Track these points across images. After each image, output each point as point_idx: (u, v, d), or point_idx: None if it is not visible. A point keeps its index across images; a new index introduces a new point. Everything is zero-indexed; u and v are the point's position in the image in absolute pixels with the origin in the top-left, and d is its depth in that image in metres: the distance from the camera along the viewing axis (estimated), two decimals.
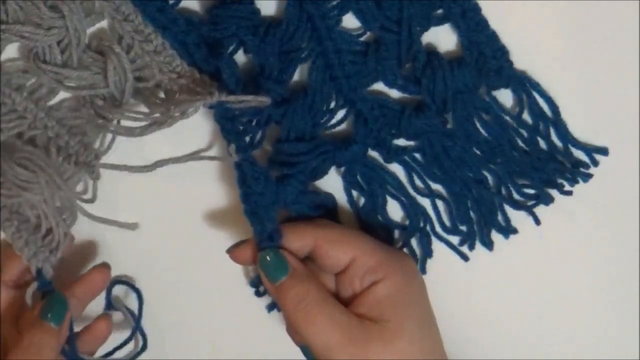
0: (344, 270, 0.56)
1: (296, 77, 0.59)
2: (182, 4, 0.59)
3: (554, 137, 0.60)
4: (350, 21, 0.59)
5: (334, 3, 0.58)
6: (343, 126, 0.60)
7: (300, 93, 0.58)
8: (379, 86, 0.59)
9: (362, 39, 0.59)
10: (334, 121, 0.59)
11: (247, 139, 0.58)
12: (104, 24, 0.59)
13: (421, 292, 0.57)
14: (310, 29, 0.57)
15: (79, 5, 0.58)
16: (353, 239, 0.56)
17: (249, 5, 0.58)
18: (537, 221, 0.60)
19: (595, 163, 0.60)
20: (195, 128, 0.60)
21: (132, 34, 0.58)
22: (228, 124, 0.57)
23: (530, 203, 0.60)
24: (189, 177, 0.61)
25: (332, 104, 0.59)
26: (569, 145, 0.60)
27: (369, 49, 0.58)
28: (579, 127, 0.60)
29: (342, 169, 0.59)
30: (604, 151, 0.60)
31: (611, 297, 0.62)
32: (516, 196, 0.60)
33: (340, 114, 0.59)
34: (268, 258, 0.56)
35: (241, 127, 0.58)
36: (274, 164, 0.58)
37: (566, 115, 0.60)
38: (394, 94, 0.60)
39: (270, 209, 0.56)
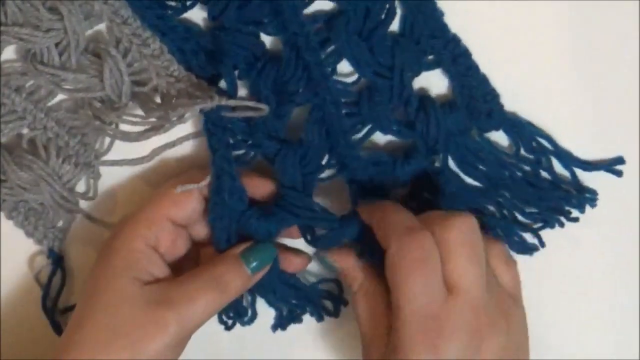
0: None
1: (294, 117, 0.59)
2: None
3: (557, 168, 0.59)
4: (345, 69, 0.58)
5: (329, 50, 0.57)
6: None
7: (295, 142, 0.58)
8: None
9: (356, 86, 0.58)
10: (324, 176, 0.59)
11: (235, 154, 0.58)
12: (101, 26, 0.59)
13: None
14: (306, 77, 0.56)
15: (78, 7, 0.57)
16: None
17: (252, 37, 0.57)
18: (542, 243, 0.60)
19: (620, 174, 0.59)
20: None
21: (130, 37, 0.58)
22: (218, 133, 0.56)
23: (536, 225, 0.59)
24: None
25: (325, 160, 0.58)
26: (580, 170, 0.59)
27: (361, 95, 0.57)
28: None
29: None
30: (620, 160, 0.59)
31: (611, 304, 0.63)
32: (521, 218, 0.59)
33: (331, 171, 0.59)
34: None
35: (231, 141, 0.57)
36: (281, 209, 0.57)
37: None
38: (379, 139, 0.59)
39: (234, 223, 0.57)
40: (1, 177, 0.59)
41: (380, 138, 0.59)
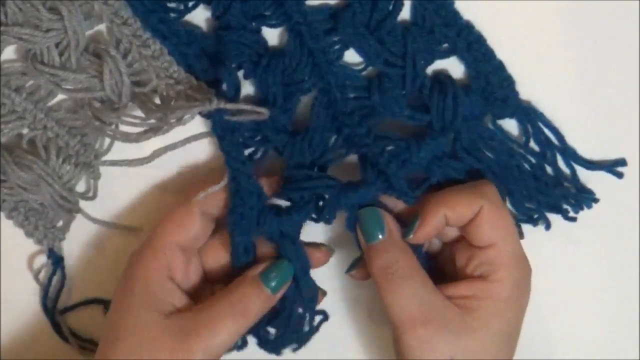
0: (454, 241, 0.56)
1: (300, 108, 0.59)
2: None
3: (561, 164, 0.59)
4: (352, 56, 0.58)
5: (335, 39, 0.57)
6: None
7: (301, 130, 0.57)
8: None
9: (364, 73, 0.58)
10: (332, 157, 0.58)
11: (247, 153, 0.58)
12: (102, 27, 0.59)
13: (523, 306, 0.55)
14: (312, 63, 0.56)
15: (78, 8, 0.57)
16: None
17: (255, 34, 0.57)
18: (521, 235, 0.59)
19: (620, 175, 0.59)
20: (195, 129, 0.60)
21: (130, 38, 0.58)
22: (227, 134, 0.56)
23: (519, 217, 0.59)
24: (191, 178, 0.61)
25: (332, 141, 0.58)
26: (583, 169, 0.59)
27: (371, 84, 0.57)
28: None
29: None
30: (622, 162, 0.59)
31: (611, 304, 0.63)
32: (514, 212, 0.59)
33: (341, 151, 0.58)
34: (368, 216, 0.55)
35: (241, 140, 0.57)
36: (284, 191, 0.57)
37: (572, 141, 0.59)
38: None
39: (253, 225, 0.56)
40: (1, 177, 0.59)
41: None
